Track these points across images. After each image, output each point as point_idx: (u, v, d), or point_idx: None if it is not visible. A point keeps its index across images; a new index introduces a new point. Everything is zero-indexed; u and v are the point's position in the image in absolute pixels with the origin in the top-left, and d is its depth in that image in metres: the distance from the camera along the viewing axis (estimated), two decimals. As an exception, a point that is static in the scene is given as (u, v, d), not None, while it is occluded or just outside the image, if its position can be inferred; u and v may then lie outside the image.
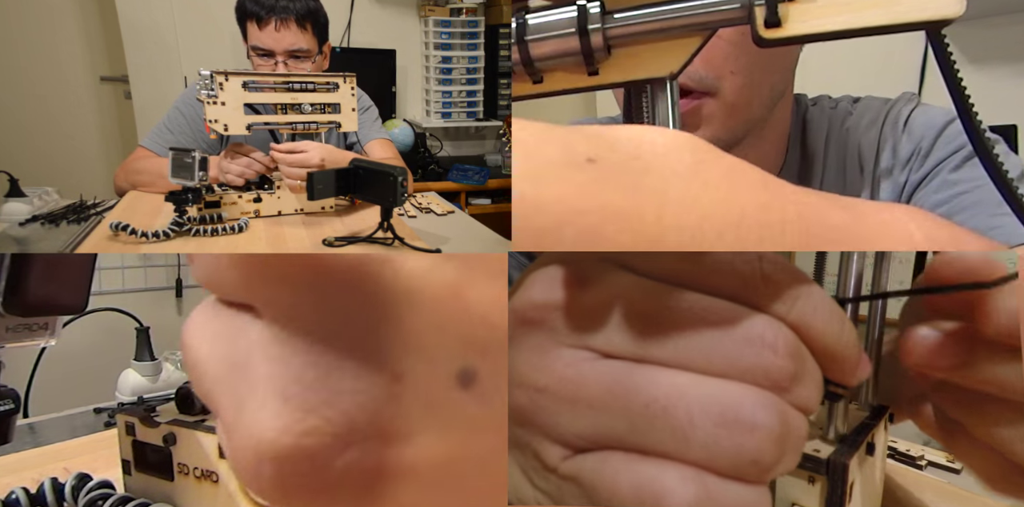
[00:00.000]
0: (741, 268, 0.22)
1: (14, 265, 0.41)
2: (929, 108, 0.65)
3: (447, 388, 0.17)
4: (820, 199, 0.22)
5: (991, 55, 1.67)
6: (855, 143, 0.66)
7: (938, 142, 0.62)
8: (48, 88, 2.23)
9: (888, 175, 0.63)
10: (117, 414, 0.49)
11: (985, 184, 0.57)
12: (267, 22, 1.24)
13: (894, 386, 0.38)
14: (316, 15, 1.29)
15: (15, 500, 0.47)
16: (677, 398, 0.21)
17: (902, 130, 0.64)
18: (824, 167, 0.66)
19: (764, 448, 0.20)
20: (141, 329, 1.03)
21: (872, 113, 0.66)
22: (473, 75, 2.64)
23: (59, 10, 2.20)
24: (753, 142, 0.63)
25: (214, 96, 0.99)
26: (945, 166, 0.60)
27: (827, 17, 0.28)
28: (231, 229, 0.98)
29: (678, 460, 0.20)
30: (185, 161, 0.91)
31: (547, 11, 0.33)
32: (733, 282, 0.22)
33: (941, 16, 0.27)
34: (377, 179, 0.90)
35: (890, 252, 0.42)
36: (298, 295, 0.17)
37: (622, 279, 0.22)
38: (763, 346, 0.21)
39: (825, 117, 0.68)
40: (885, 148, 0.64)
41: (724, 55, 0.54)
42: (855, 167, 0.65)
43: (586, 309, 0.22)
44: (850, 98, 0.70)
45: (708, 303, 0.22)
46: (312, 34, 1.28)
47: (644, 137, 0.21)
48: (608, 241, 0.18)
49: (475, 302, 0.18)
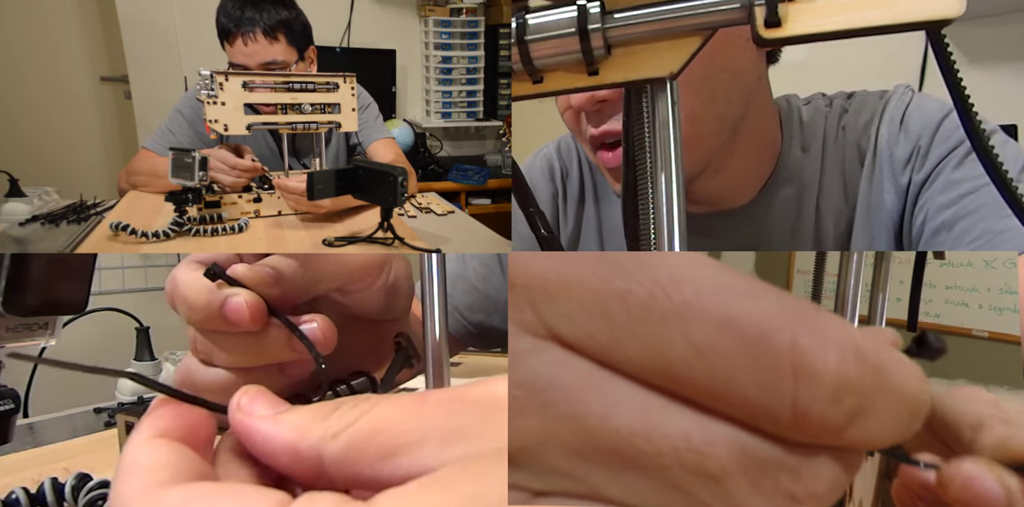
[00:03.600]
0: (758, 398, 0.16)
1: (14, 265, 0.41)
2: (925, 101, 0.64)
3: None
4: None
5: (991, 55, 1.67)
6: (853, 143, 0.65)
7: (936, 139, 0.60)
8: (48, 88, 2.23)
9: (890, 177, 0.62)
10: (117, 414, 0.49)
11: (989, 182, 0.56)
12: (235, 37, 1.20)
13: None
14: (289, 24, 1.23)
15: (15, 500, 0.47)
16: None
17: (899, 128, 0.62)
18: (822, 171, 0.65)
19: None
20: (141, 329, 1.03)
21: (868, 111, 0.65)
22: (473, 75, 2.64)
23: (59, 10, 2.20)
24: (721, 165, 0.62)
25: (214, 96, 0.99)
26: (947, 164, 0.59)
27: (827, 17, 0.28)
28: (231, 229, 0.98)
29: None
30: (185, 161, 0.91)
31: (547, 11, 0.32)
32: (743, 414, 0.16)
33: (941, 16, 0.27)
34: (377, 179, 0.90)
35: (890, 252, 0.42)
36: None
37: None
38: (777, 495, 0.16)
39: (821, 116, 0.67)
40: (883, 148, 0.63)
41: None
42: (854, 170, 0.64)
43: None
44: (844, 94, 0.69)
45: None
46: (287, 43, 1.24)
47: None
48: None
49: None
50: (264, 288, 0.32)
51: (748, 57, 0.59)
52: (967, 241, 0.56)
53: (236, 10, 1.20)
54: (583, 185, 0.77)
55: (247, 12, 1.20)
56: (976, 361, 1.28)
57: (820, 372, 0.16)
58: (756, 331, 0.16)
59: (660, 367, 0.16)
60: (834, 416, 0.16)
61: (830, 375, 0.16)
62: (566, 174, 0.78)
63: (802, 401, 0.16)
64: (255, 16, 1.20)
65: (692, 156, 0.58)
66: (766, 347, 0.16)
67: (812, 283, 0.44)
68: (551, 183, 0.78)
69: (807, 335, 0.16)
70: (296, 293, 0.34)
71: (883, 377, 0.16)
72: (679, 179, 0.31)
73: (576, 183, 0.77)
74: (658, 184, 0.31)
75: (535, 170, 0.79)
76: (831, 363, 0.16)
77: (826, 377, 0.16)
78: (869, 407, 0.16)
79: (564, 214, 0.78)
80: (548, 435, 0.16)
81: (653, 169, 0.32)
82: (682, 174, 0.31)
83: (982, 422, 0.28)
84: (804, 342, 0.16)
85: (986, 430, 0.27)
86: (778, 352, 0.16)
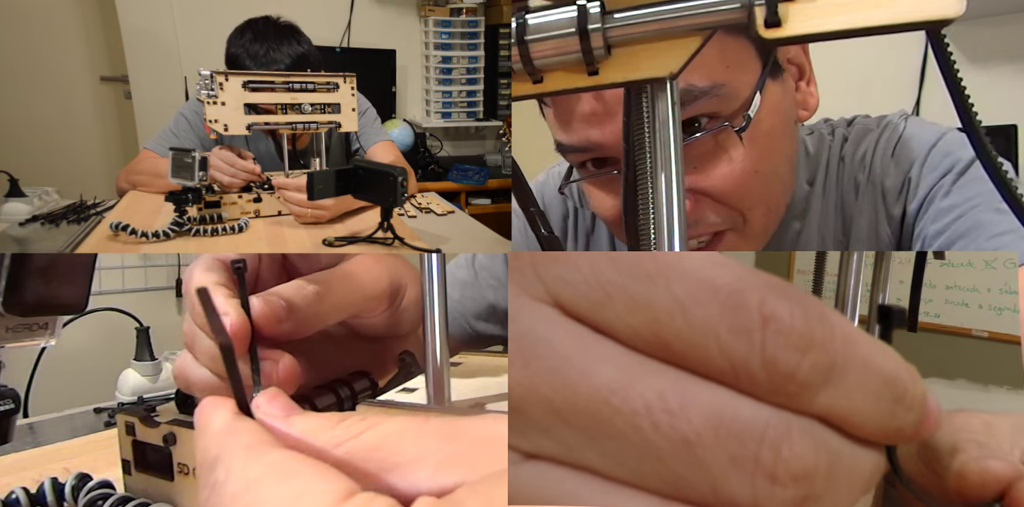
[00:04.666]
0: (731, 347, 0.16)
1: (14, 265, 0.41)
2: (917, 129, 0.65)
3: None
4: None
5: (991, 55, 1.67)
6: (851, 176, 0.66)
7: (924, 169, 0.62)
8: (48, 88, 2.23)
9: (883, 209, 0.63)
10: (117, 414, 0.49)
11: (977, 204, 0.58)
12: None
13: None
14: (305, 59, 1.27)
15: (15, 500, 0.47)
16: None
17: (890, 161, 0.64)
18: (823, 204, 0.66)
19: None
20: (141, 329, 1.03)
21: (865, 141, 0.66)
22: (473, 75, 2.64)
23: (59, 10, 2.20)
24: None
25: (214, 96, 0.99)
26: (936, 193, 0.60)
27: (827, 17, 0.28)
28: (231, 229, 0.98)
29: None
30: (185, 161, 0.91)
31: (547, 11, 0.33)
32: (719, 369, 0.16)
33: (941, 16, 0.27)
34: (377, 179, 0.90)
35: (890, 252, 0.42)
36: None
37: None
38: (756, 473, 0.16)
39: (825, 147, 0.68)
40: (876, 180, 0.64)
41: (749, 190, 0.56)
42: (851, 202, 0.65)
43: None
44: (844, 121, 0.70)
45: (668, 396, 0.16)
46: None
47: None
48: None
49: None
50: (272, 325, 0.32)
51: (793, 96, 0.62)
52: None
53: (255, 47, 1.23)
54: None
55: (268, 52, 1.23)
56: (976, 361, 1.28)
57: (787, 324, 0.16)
58: (730, 288, 0.17)
59: (645, 321, 0.17)
60: (801, 368, 0.16)
61: (797, 329, 0.16)
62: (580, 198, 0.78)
63: (769, 348, 0.16)
64: (276, 56, 1.23)
65: (788, 198, 0.63)
66: (739, 302, 0.16)
67: (812, 283, 0.44)
68: (564, 204, 0.78)
69: (777, 298, 0.17)
70: (303, 329, 0.34)
71: (853, 347, 0.17)
72: (679, 179, 0.31)
73: (589, 211, 0.77)
74: (658, 184, 0.31)
75: (548, 187, 0.79)
76: (798, 319, 0.16)
77: (793, 330, 0.16)
78: (840, 372, 0.16)
79: (575, 238, 0.78)
80: (531, 389, 0.17)
81: (653, 169, 0.32)
82: (682, 174, 0.31)
83: (957, 447, 0.28)
84: (773, 301, 0.17)
85: (959, 455, 0.28)
86: (749, 306, 0.16)
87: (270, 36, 1.25)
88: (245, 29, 1.27)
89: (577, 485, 0.16)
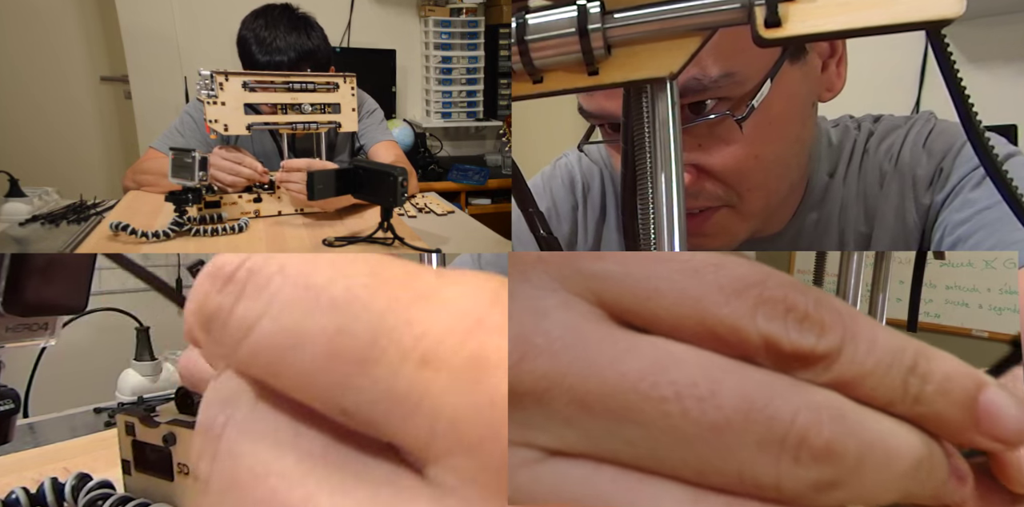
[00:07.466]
0: (736, 322, 0.17)
1: (14, 265, 0.41)
2: (947, 126, 0.65)
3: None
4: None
5: (991, 55, 1.67)
6: (875, 166, 0.66)
7: (957, 161, 0.62)
8: (48, 88, 2.23)
9: (912, 197, 0.63)
10: (117, 414, 0.49)
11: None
12: (261, 66, 1.21)
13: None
14: (311, 55, 1.25)
15: (15, 500, 0.47)
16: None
17: (922, 150, 0.64)
18: (845, 195, 0.66)
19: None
20: (141, 329, 1.03)
21: (893, 135, 0.66)
22: (473, 75, 2.64)
23: (59, 10, 2.20)
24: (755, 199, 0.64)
25: (214, 96, 0.99)
26: (966, 184, 0.60)
27: (827, 17, 0.28)
28: (231, 229, 0.98)
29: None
30: (185, 161, 0.91)
31: (547, 11, 0.33)
32: (729, 346, 0.17)
33: (941, 16, 0.27)
34: (377, 179, 0.90)
35: (890, 252, 0.42)
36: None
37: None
38: (781, 455, 0.16)
39: (850, 139, 0.68)
40: (905, 170, 0.64)
41: (745, 172, 0.57)
42: (875, 193, 0.65)
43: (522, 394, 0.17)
44: (871, 117, 0.70)
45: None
46: (309, 71, 1.25)
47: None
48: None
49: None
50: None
51: (816, 79, 0.62)
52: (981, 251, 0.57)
53: (264, 33, 1.21)
54: (604, 201, 0.77)
55: (275, 41, 1.21)
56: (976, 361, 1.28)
57: (802, 311, 0.17)
58: (762, 285, 0.17)
59: (692, 311, 0.17)
60: (818, 345, 0.17)
61: (799, 308, 0.17)
62: (587, 188, 0.78)
63: (793, 333, 0.17)
64: (286, 52, 1.21)
65: (749, 226, 0.63)
66: (768, 297, 0.17)
67: (812, 283, 0.44)
68: (571, 195, 0.78)
69: (796, 293, 0.17)
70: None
71: (855, 320, 0.17)
72: (679, 179, 0.31)
73: (597, 198, 0.77)
74: (658, 184, 0.31)
75: (555, 180, 0.79)
76: (800, 300, 0.17)
77: (807, 316, 0.17)
78: (851, 337, 0.17)
79: (584, 228, 0.78)
80: (556, 380, 0.16)
81: (653, 169, 0.32)
82: (682, 174, 0.31)
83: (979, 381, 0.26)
84: (793, 295, 0.17)
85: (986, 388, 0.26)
86: (775, 300, 0.17)
87: (282, 25, 1.23)
88: (260, 14, 1.25)
89: (603, 481, 0.16)
